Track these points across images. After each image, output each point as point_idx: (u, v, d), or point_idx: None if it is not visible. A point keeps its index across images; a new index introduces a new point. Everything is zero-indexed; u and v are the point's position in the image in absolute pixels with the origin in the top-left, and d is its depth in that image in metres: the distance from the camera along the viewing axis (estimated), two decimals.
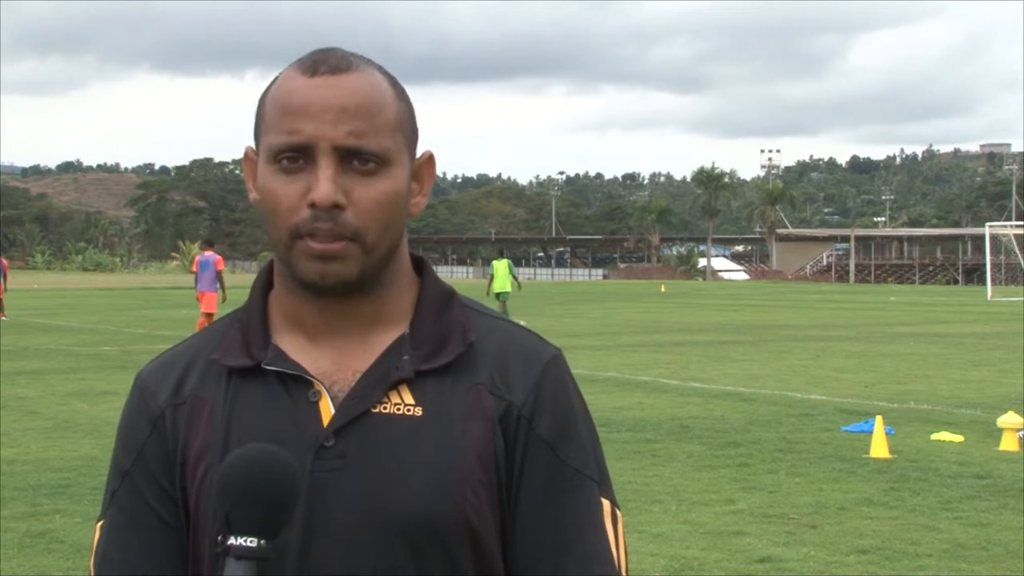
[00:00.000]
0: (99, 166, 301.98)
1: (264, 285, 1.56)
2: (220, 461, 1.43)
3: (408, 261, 1.54)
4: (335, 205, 1.40)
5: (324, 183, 1.39)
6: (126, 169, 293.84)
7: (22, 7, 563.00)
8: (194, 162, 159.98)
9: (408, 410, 1.45)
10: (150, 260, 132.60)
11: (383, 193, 1.43)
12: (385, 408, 1.45)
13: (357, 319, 1.49)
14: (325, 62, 1.44)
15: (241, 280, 27.31)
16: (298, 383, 1.47)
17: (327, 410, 1.45)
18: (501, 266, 28.29)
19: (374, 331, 1.49)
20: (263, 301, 1.54)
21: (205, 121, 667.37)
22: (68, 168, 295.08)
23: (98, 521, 1.54)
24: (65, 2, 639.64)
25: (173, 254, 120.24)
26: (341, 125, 1.40)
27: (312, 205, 1.40)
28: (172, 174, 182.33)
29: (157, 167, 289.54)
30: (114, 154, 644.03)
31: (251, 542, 1.28)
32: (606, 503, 1.51)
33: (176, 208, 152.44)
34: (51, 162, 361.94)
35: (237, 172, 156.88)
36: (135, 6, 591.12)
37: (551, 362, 1.52)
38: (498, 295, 27.71)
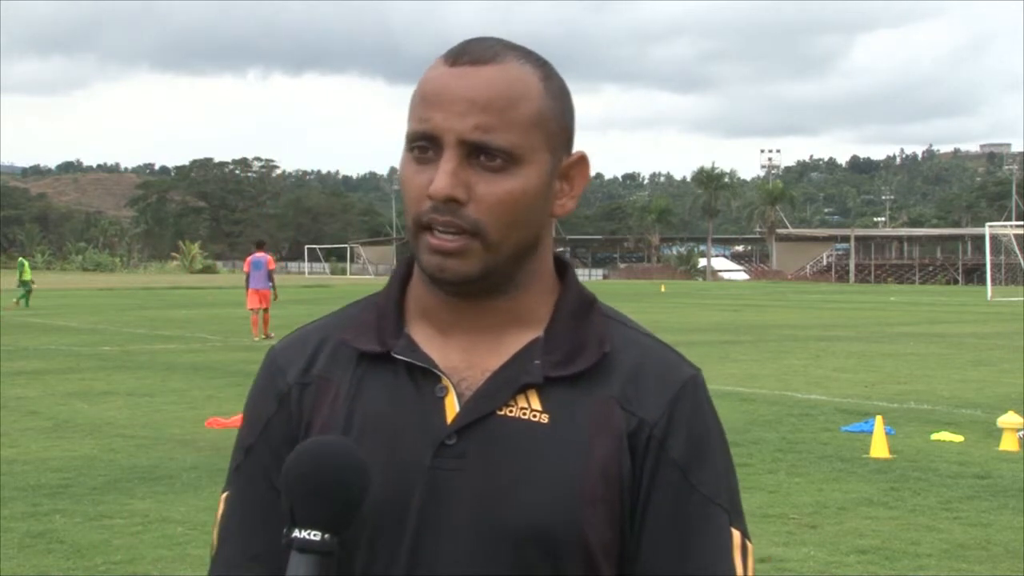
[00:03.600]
0: (99, 166, 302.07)
1: (403, 274, 1.53)
2: None
3: (550, 263, 1.50)
4: (452, 199, 1.37)
5: (442, 176, 1.36)
6: (126, 169, 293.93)
7: (23, 7, 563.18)
8: (194, 162, 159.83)
9: (534, 416, 1.41)
10: (150, 260, 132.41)
11: (508, 191, 1.38)
12: (511, 412, 1.41)
13: (490, 318, 1.45)
14: (469, 52, 1.40)
15: (242, 280, 27.29)
16: (426, 376, 1.44)
17: (452, 407, 1.42)
18: None
19: (508, 332, 1.45)
20: (401, 290, 1.52)
21: (205, 121, 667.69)
22: (68, 168, 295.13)
23: (223, 492, 1.54)
24: (66, 2, 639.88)
25: (173, 254, 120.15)
26: (469, 118, 1.37)
27: (430, 197, 1.38)
28: (172, 174, 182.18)
29: (157, 167, 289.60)
30: (114, 154, 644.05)
31: (314, 536, 1.26)
32: (736, 534, 1.46)
33: (176, 208, 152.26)
34: (51, 162, 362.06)
35: (237, 172, 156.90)
36: (136, 6, 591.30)
37: (689, 381, 1.46)
38: None
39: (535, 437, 1.40)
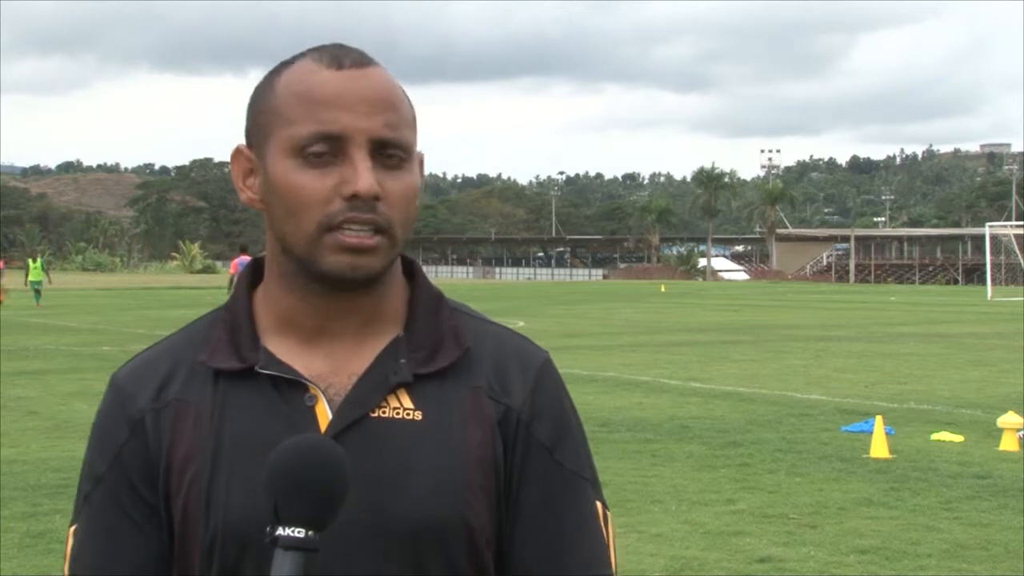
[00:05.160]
0: (99, 166, 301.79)
1: (250, 283, 1.51)
2: (211, 467, 1.41)
3: (399, 260, 1.52)
4: (377, 196, 1.38)
5: (366, 174, 1.37)
6: (126, 169, 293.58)
7: (23, 7, 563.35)
8: (194, 162, 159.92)
9: (408, 414, 1.43)
10: (150, 260, 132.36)
11: (408, 187, 1.42)
12: (384, 412, 1.42)
13: (354, 319, 1.45)
14: (349, 56, 1.42)
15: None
16: (293, 387, 1.42)
17: (324, 414, 1.41)
18: None
19: (368, 333, 1.46)
20: (249, 300, 1.50)
21: (205, 121, 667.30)
22: (68, 168, 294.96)
23: (71, 526, 1.49)
24: (66, 2, 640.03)
25: (173, 254, 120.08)
26: (376, 116, 1.39)
27: (353, 196, 1.37)
28: (172, 174, 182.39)
29: (157, 167, 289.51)
30: (114, 154, 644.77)
31: (299, 533, 1.27)
32: (599, 504, 1.52)
33: (176, 208, 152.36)
34: (51, 162, 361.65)
35: None
36: (136, 6, 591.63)
37: (544, 366, 1.52)
38: None
39: (411, 435, 1.42)
